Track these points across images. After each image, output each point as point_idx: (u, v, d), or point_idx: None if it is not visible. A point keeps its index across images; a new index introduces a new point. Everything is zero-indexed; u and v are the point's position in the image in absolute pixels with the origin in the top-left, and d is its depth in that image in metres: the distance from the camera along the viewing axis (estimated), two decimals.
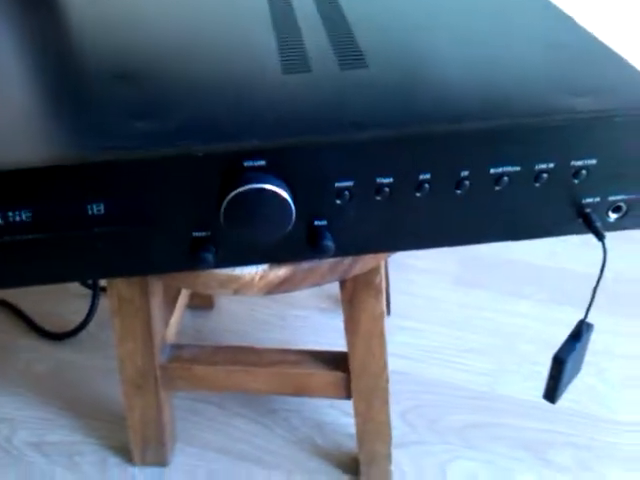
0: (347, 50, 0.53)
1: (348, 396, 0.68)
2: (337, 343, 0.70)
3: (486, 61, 0.50)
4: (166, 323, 0.71)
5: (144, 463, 0.79)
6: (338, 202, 0.45)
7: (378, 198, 0.45)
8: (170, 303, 0.74)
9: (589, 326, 0.53)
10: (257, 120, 0.44)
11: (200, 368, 0.66)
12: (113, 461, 0.81)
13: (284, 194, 0.42)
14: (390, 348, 0.65)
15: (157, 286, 0.62)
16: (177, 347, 0.69)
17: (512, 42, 0.54)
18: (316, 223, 0.46)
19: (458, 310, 1.03)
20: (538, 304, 1.03)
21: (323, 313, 1.02)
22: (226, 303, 1.03)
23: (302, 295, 1.05)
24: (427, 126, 0.43)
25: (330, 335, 0.97)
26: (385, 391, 0.67)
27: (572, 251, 1.12)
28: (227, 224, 0.43)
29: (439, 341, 0.97)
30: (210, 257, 0.45)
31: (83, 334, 0.97)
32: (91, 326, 0.97)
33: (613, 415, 0.86)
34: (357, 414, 0.70)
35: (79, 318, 0.97)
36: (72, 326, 0.97)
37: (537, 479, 0.79)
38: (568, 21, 0.58)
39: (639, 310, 1.02)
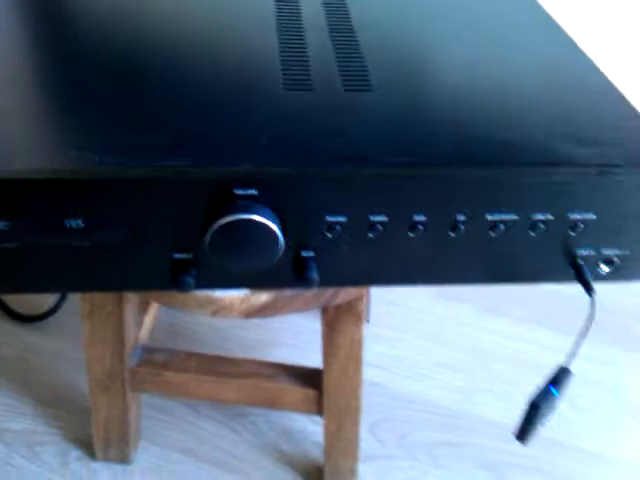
0: (353, 69, 0.51)
1: (319, 412, 0.68)
2: (314, 348, 0.69)
3: (491, 100, 0.48)
4: (140, 323, 0.69)
5: (106, 459, 0.77)
6: (328, 236, 0.43)
7: (370, 235, 0.43)
8: (145, 303, 0.72)
9: (569, 373, 0.52)
10: (252, 142, 0.42)
11: (171, 374, 0.65)
12: (75, 454, 0.79)
13: (274, 227, 0.40)
14: (366, 357, 0.64)
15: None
16: (149, 350, 0.67)
17: (518, 76, 0.52)
18: (303, 254, 0.44)
19: (436, 323, 1.02)
20: (516, 323, 1.03)
21: (303, 315, 1.01)
22: None
23: None
24: (427, 167, 0.42)
25: (308, 338, 0.96)
26: (357, 411, 0.67)
27: None
28: (212, 251, 0.41)
29: (415, 353, 0.97)
30: (190, 280, 0.43)
31: (53, 319, 0.95)
32: (62, 311, 0.95)
33: (581, 443, 0.87)
34: (327, 431, 0.69)
35: (52, 302, 0.95)
36: (43, 310, 0.95)
37: None
38: (576, 53, 0.56)
39: (615, 338, 1.02)
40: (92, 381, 0.66)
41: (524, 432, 0.53)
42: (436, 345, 0.98)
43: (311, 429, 0.84)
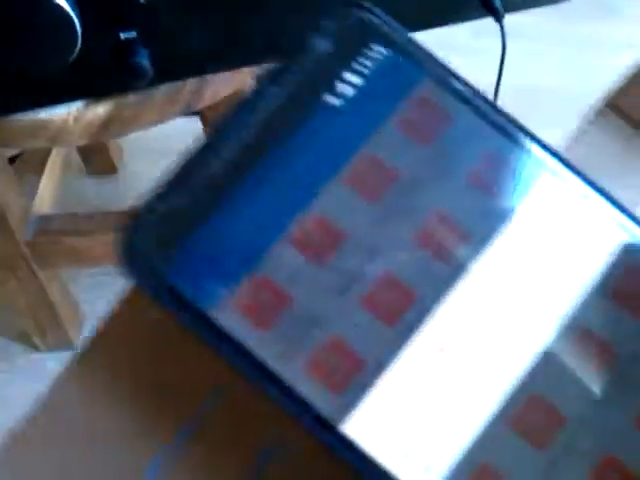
0: None
1: None
2: None
3: None
4: (32, 193, 0.61)
5: (50, 348, 0.72)
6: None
7: None
8: (35, 169, 0.63)
9: None
10: None
11: (71, 240, 0.57)
12: (16, 349, 0.74)
13: None
14: None
15: None
16: (44, 219, 0.59)
17: None
18: (123, 36, 0.34)
19: None
20: None
21: None
22: (133, 164, 0.92)
23: None
24: None
25: None
26: None
27: None
28: None
29: None
30: None
31: None
32: None
33: None
34: None
35: None
36: None
37: None
38: None
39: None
40: None
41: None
42: None
43: None
